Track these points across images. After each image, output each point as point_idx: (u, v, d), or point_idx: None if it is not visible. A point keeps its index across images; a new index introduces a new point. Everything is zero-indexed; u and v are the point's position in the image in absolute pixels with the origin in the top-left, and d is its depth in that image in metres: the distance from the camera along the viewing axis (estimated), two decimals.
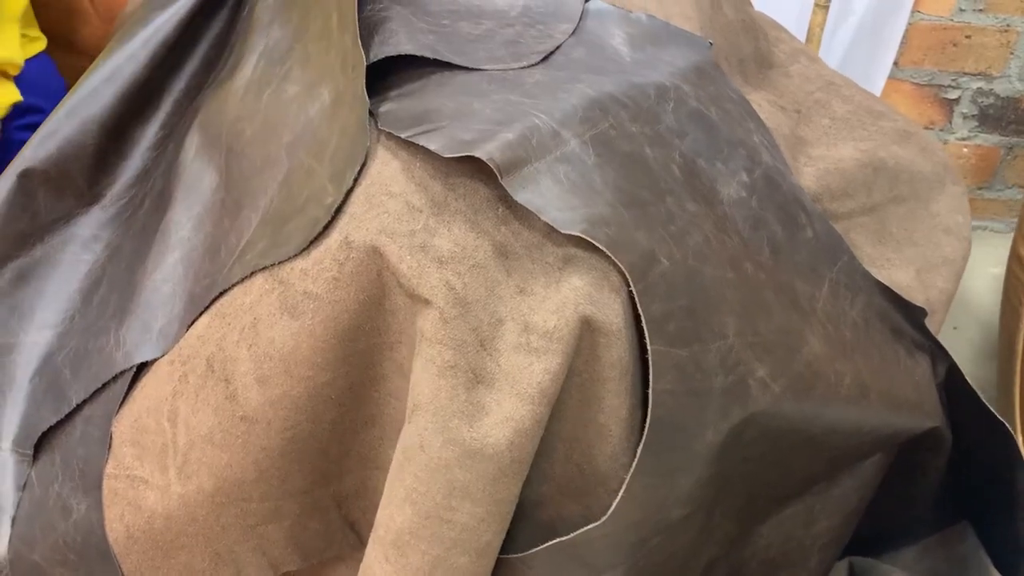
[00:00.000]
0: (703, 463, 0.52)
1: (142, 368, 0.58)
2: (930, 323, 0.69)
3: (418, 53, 0.54)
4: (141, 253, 0.64)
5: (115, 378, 0.58)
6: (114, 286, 0.64)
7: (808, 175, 0.68)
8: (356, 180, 0.50)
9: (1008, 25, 1.53)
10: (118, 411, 0.57)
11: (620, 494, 0.49)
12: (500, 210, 0.49)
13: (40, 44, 0.86)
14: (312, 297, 0.49)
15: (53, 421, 0.58)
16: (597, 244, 0.47)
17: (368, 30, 0.57)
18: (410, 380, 0.48)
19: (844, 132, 0.77)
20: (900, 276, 0.70)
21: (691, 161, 0.55)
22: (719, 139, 0.58)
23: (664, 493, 0.51)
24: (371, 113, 0.53)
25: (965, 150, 1.64)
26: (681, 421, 0.50)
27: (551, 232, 0.49)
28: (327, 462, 0.54)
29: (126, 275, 0.64)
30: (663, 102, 0.56)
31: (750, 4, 0.84)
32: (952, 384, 0.69)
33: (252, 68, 0.63)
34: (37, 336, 0.64)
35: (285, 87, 0.59)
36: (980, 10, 1.53)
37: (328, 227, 0.50)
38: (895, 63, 1.57)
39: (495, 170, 0.47)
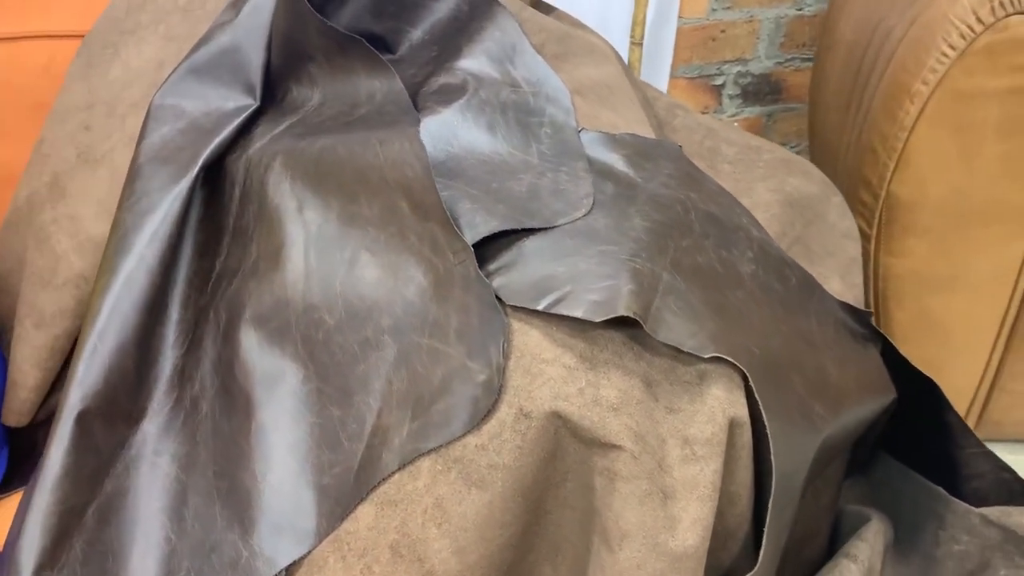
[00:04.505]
0: (799, 494, 0.65)
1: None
2: None
3: (508, 227, 0.61)
4: (232, 458, 0.65)
5: None
6: (210, 498, 0.65)
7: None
8: (504, 355, 0.56)
9: (752, 16, 1.79)
10: None
11: (764, 544, 0.60)
12: (635, 348, 0.58)
13: None
14: (499, 468, 0.55)
15: None
16: (727, 359, 0.57)
17: None
18: (600, 513, 0.56)
19: (745, 174, 0.92)
20: (834, 286, 0.86)
21: (722, 257, 0.67)
22: (727, 230, 0.70)
23: (783, 528, 0.63)
24: None
25: (736, 124, 1.90)
26: (789, 471, 0.62)
27: (678, 355, 0.58)
28: None
29: (221, 484, 0.65)
30: (687, 213, 0.67)
31: (633, 72, 0.97)
32: (887, 357, 0.87)
33: (303, 257, 0.65)
34: (140, 570, 0.64)
35: (360, 273, 0.63)
36: (728, 8, 1.78)
37: (493, 402, 0.56)
38: (671, 65, 1.79)
39: (640, 322, 0.56)
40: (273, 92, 0.78)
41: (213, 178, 0.74)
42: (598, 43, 0.84)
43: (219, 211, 0.73)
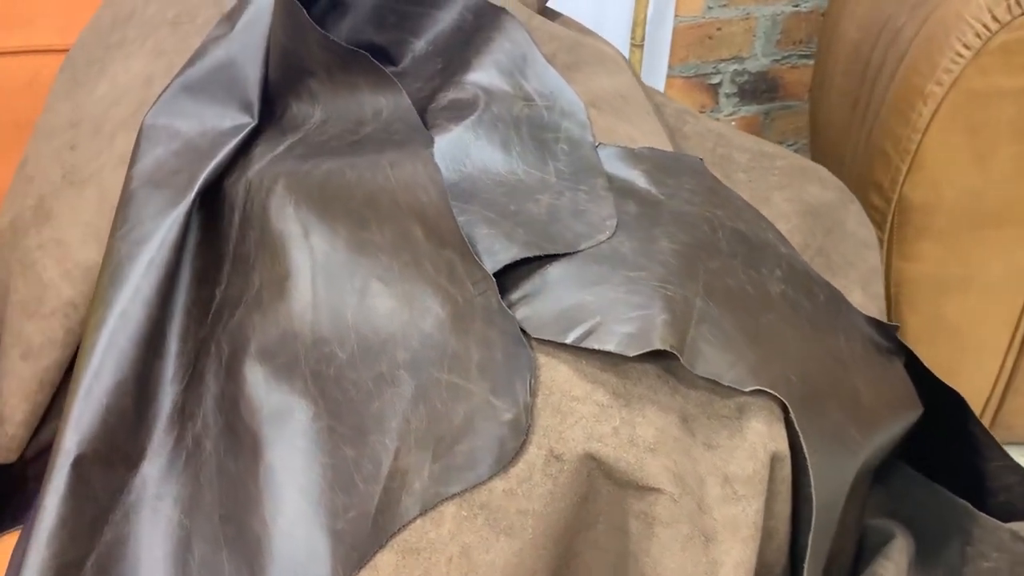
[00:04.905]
0: (837, 523, 0.62)
1: None
2: None
3: (530, 254, 0.57)
4: (239, 501, 0.61)
5: None
6: (216, 544, 0.61)
7: None
8: (531, 392, 0.53)
9: (748, 14, 1.76)
10: None
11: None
12: (670, 382, 0.54)
13: None
14: (529, 514, 0.52)
15: None
16: (768, 391, 0.54)
17: None
18: (637, 557, 0.53)
19: (760, 183, 0.89)
20: (856, 298, 0.83)
21: (751, 277, 0.63)
22: (754, 248, 0.66)
23: (821, 559, 0.60)
24: None
25: (733, 123, 1.87)
26: (829, 502, 0.59)
27: (715, 387, 0.55)
28: None
29: (228, 529, 0.61)
30: (713, 232, 0.64)
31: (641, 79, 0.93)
32: (909, 368, 0.85)
33: (310, 287, 0.62)
34: None
35: (372, 303, 0.59)
36: (724, 5, 1.75)
37: (521, 443, 0.52)
38: (668, 64, 1.75)
39: (677, 355, 0.52)
40: (271, 109, 0.74)
41: (211, 202, 0.70)
42: (609, 51, 0.81)
43: (218, 237, 0.69)
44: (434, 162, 0.59)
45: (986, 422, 1.25)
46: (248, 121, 0.72)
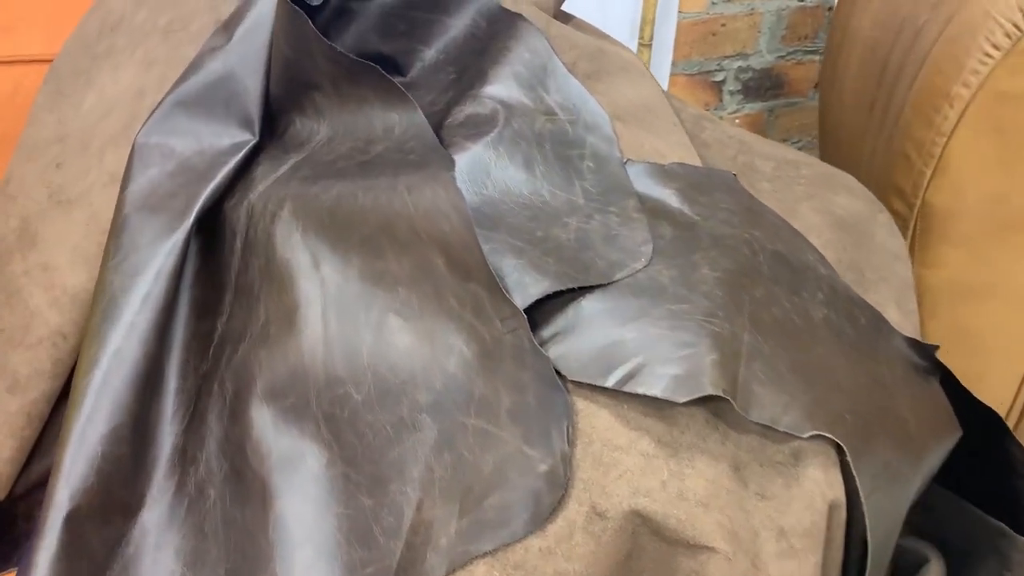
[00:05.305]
0: (888, 561, 0.58)
1: None
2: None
3: (563, 287, 0.53)
4: (248, 556, 0.56)
5: None
6: None
7: None
8: (569, 441, 0.48)
9: (753, 9, 1.72)
10: None
11: None
12: (720, 427, 0.50)
13: None
14: (564, 575, 0.48)
15: None
16: (828, 436, 0.50)
17: None
18: None
19: (786, 194, 0.84)
20: (892, 315, 0.79)
21: (795, 304, 0.59)
22: (795, 271, 0.62)
23: None
24: None
25: (737, 121, 1.83)
26: (883, 542, 0.55)
27: (766, 431, 0.51)
28: None
29: None
30: (754, 256, 0.59)
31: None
32: (944, 385, 0.81)
33: (320, 321, 0.57)
34: None
35: (390, 340, 0.54)
36: (728, 0, 1.71)
37: (560, 498, 0.48)
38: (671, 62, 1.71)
39: (730, 400, 0.48)
40: (273, 125, 0.69)
41: (210, 227, 0.65)
42: (630, 57, 0.76)
43: (218, 264, 0.64)
44: (456, 187, 0.54)
45: None
46: (248, 138, 0.67)
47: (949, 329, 1.13)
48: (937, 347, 0.78)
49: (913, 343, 0.75)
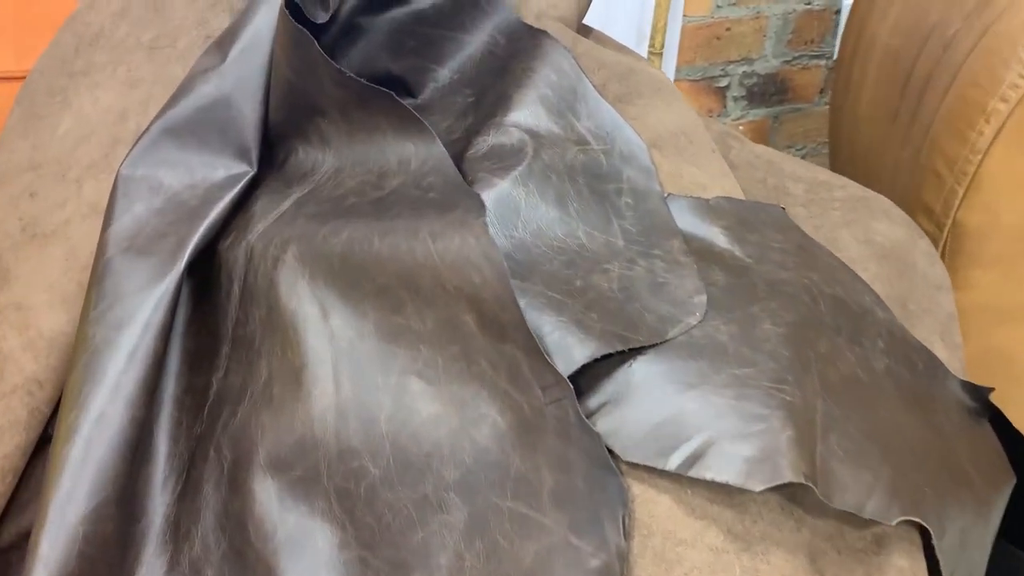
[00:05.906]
0: None
1: None
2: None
3: (612, 350, 0.46)
4: None
5: None
6: None
7: None
8: (625, 533, 0.42)
9: (759, 12, 1.66)
10: None
11: None
12: (795, 513, 0.44)
13: None
14: None
15: None
16: (916, 520, 0.44)
17: None
18: None
19: (823, 220, 0.78)
20: (939, 351, 0.73)
21: (858, 356, 0.53)
22: (855, 317, 0.56)
23: None
24: None
25: (741, 128, 1.77)
26: None
27: (843, 515, 0.45)
28: None
29: None
30: (815, 304, 0.53)
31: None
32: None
33: (332, 382, 0.50)
34: None
35: (412, 406, 0.48)
36: (734, 4, 1.65)
37: None
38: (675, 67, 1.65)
39: (814, 489, 0.42)
40: (272, 154, 0.62)
41: (203, 269, 0.59)
42: (660, 77, 0.69)
43: (213, 313, 0.58)
44: (488, 234, 0.47)
45: None
46: (245, 170, 0.60)
47: (980, 353, 1.07)
48: (992, 389, 0.72)
49: (969, 387, 0.69)
